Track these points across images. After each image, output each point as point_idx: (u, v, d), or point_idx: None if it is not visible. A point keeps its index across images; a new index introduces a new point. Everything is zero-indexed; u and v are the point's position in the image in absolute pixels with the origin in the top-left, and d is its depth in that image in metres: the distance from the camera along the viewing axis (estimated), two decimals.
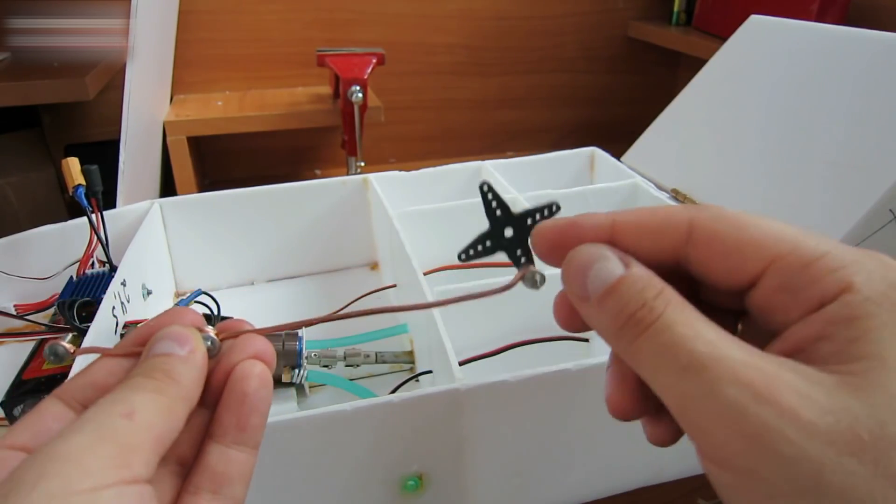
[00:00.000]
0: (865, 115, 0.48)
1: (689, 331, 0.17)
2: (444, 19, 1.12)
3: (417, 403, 0.32)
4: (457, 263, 0.56)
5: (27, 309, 0.51)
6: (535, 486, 0.37)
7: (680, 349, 0.17)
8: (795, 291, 0.17)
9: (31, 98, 0.77)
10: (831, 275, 0.17)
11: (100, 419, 0.19)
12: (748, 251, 0.18)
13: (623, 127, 1.24)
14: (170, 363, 0.21)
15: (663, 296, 0.18)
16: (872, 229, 0.44)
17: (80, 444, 0.17)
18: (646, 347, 0.18)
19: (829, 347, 0.16)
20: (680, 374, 0.17)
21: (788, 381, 0.16)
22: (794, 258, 0.18)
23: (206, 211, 0.58)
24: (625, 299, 0.18)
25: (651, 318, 0.18)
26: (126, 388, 0.20)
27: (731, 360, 0.16)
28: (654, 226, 0.20)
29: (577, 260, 0.20)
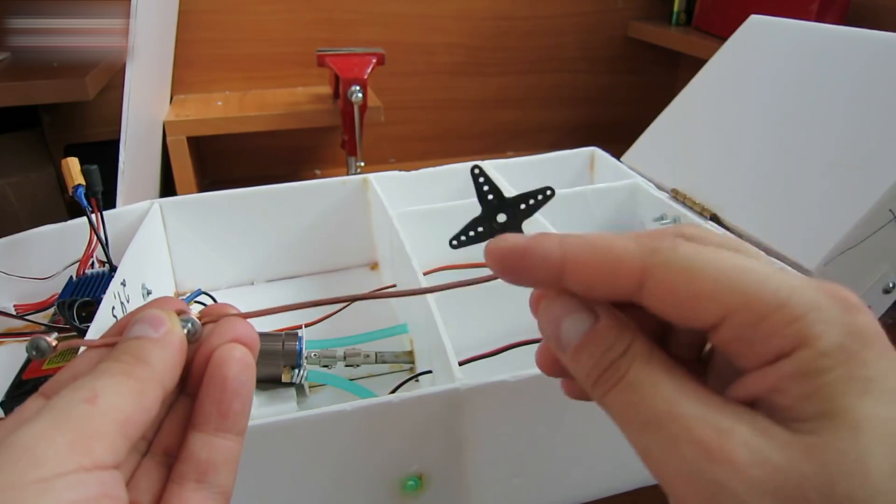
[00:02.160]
0: (865, 114, 0.48)
1: (650, 389, 0.18)
2: (444, 19, 1.12)
3: (417, 403, 0.32)
4: (457, 263, 0.56)
5: (27, 309, 0.51)
6: (535, 486, 0.37)
7: (641, 407, 0.18)
8: (750, 345, 0.17)
9: (31, 98, 0.77)
10: (786, 328, 0.17)
11: (60, 406, 0.18)
12: (701, 303, 0.18)
13: (623, 127, 1.24)
14: (141, 346, 0.21)
15: (629, 353, 0.19)
16: (872, 229, 0.44)
17: (35, 433, 0.17)
18: (614, 402, 0.19)
19: (784, 401, 0.17)
20: (641, 430, 0.18)
21: (741, 436, 0.16)
22: (747, 313, 0.17)
23: (206, 211, 0.58)
24: (595, 357, 0.19)
25: (617, 376, 0.19)
26: (92, 374, 0.20)
27: (687, 418, 0.17)
28: (606, 269, 0.19)
29: (549, 313, 0.21)
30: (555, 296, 0.21)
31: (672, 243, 0.19)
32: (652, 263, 0.18)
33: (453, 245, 0.23)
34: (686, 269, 0.18)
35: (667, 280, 0.18)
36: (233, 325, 0.22)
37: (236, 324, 0.23)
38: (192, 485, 0.21)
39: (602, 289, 0.19)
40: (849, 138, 0.48)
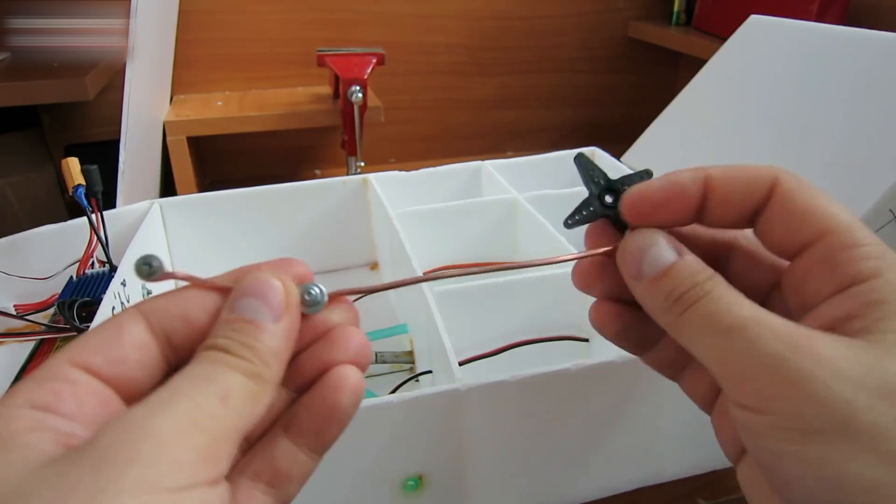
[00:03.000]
0: (865, 114, 0.48)
1: (734, 300, 0.19)
2: (443, 19, 1.12)
3: (417, 403, 0.32)
4: (456, 263, 0.56)
5: (27, 309, 0.51)
6: (535, 486, 0.37)
7: (725, 314, 0.19)
8: (834, 266, 0.19)
9: (31, 98, 0.77)
10: (867, 261, 0.19)
11: (196, 398, 0.16)
12: (811, 217, 0.20)
13: (623, 127, 1.24)
14: (255, 336, 0.18)
15: (713, 279, 0.20)
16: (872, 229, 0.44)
17: (175, 427, 0.15)
18: (693, 318, 0.19)
19: (859, 324, 0.18)
20: (724, 334, 0.18)
21: (823, 339, 0.17)
22: (843, 237, 0.19)
23: (206, 211, 0.58)
24: (678, 280, 0.20)
25: (700, 294, 0.20)
26: (216, 363, 0.18)
27: (771, 322, 0.18)
28: (744, 179, 0.21)
29: (635, 244, 0.22)
30: (643, 231, 0.22)
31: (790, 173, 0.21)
32: (783, 176, 0.21)
33: (568, 224, 0.25)
34: (807, 187, 0.21)
35: (793, 189, 0.20)
36: (353, 338, 0.21)
37: (354, 337, 0.21)
38: (262, 486, 0.20)
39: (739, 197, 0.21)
40: (849, 138, 0.48)
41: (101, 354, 0.18)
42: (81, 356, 0.18)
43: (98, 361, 0.18)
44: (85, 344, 0.18)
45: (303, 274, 0.21)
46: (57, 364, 0.17)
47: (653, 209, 0.22)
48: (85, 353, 0.18)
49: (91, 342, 0.18)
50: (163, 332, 0.19)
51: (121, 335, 0.18)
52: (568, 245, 0.48)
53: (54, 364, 0.17)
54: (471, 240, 0.55)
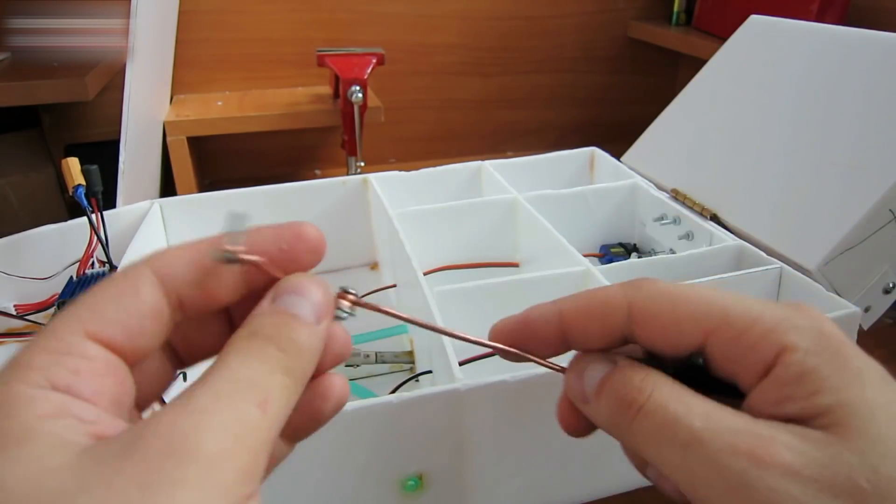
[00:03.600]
0: (865, 115, 0.48)
1: (682, 407, 0.18)
2: (444, 19, 1.12)
3: (417, 403, 0.32)
4: (457, 263, 0.56)
5: (27, 309, 0.51)
6: (535, 486, 0.37)
7: (677, 426, 0.18)
8: (737, 360, 0.19)
9: (31, 98, 0.76)
10: (764, 339, 0.18)
11: (238, 407, 0.15)
12: (683, 327, 0.20)
13: (623, 127, 1.24)
14: (299, 332, 0.18)
15: (649, 378, 0.19)
16: (872, 229, 0.44)
17: (220, 446, 0.15)
18: (644, 428, 0.19)
19: (794, 407, 0.17)
20: (682, 451, 0.17)
21: (783, 441, 0.17)
22: (726, 330, 0.19)
23: (206, 211, 0.58)
24: (616, 387, 0.20)
25: (642, 398, 0.19)
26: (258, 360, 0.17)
27: (727, 432, 0.17)
28: (596, 311, 0.21)
29: (573, 369, 0.22)
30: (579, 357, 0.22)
31: (650, 280, 0.21)
32: (635, 297, 0.21)
33: None
34: (667, 297, 0.20)
35: (651, 308, 0.20)
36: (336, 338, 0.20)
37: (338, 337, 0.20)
38: None
39: (596, 329, 0.21)
40: (849, 138, 0.48)
41: (120, 326, 0.17)
42: (98, 327, 0.16)
43: (116, 334, 0.17)
44: (100, 311, 0.17)
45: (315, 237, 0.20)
46: (70, 334, 0.16)
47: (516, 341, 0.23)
48: (101, 324, 0.17)
49: (106, 308, 0.17)
50: (177, 297, 0.18)
51: (138, 303, 0.17)
52: (568, 245, 0.48)
53: (66, 333, 0.16)
54: (471, 240, 0.55)
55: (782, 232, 0.48)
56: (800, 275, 0.44)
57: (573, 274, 0.45)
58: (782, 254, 0.47)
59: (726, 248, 0.48)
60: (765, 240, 0.49)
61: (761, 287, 0.45)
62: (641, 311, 0.20)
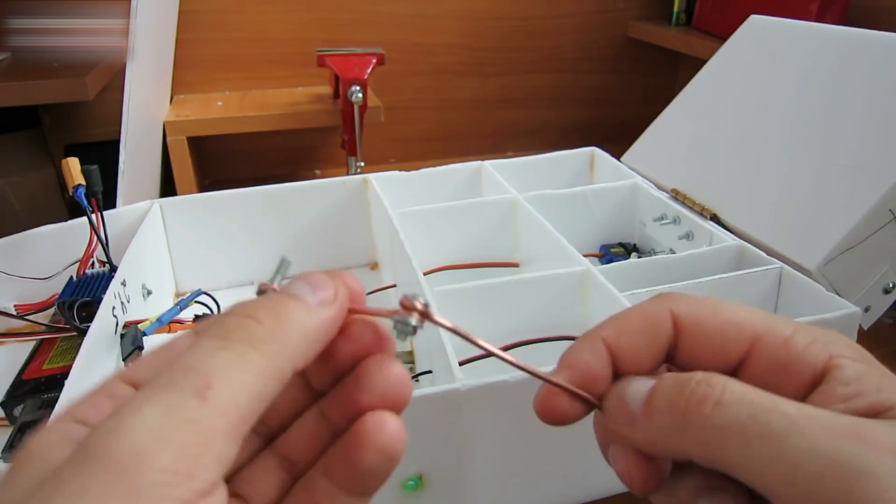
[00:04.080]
0: (865, 115, 0.48)
1: (766, 397, 0.17)
2: (444, 19, 1.12)
3: (417, 403, 0.32)
4: (457, 263, 0.56)
5: (27, 309, 0.51)
6: (535, 486, 0.37)
7: (771, 414, 0.16)
8: (786, 366, 0.18)
9: (31, 98, 0.76)
10: (811, 346, 0.18)
11: (166, 398, 0.14)
12: (729, 332, 0.19)
13: (623, 127, 1.24)
14: (285, 306, 0.17)
15: (712, 374, 0.18)
16: (872, 229, 0.44)
17: (134, 447, 0.13)
18: (726, 422, 0.16)
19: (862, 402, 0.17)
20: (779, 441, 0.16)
21: (880, 428, 0.16)
22: (773, 337, 0.18)
23: (206, 211, 0.58)
24: (674, 389, 0.18)
25: (716, 391, 0.17)
26: (206, 341, 0.15)
27: (823, 417, 0.16)
28: (644, 327, 0.20)
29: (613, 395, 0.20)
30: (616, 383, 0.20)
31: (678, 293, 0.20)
32: (677, 306, 0.20)
33: None
34: (705, 304, 0.20)
35: (696, 315, 0.19)
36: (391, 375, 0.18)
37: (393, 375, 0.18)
38: None
39: (648, 344, 0.20)
40: (849, 138, 0.48)
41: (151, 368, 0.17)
42: (132, 372, 0.17)
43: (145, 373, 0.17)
44: (143, 361, 0.17)
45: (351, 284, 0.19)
46: (111, 381, 0.17)
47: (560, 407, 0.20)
48: (138, 370, 0.17)
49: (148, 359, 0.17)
50: None
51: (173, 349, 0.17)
52: (568, 245, 0.48)
53: (109, 381, 0.17)
54: (471, 240, 0.55)
55: (782, 232, 0.48)
56: (800, 275, 0.44)
57: (573, 274, 0.45)
58: (782, 254, 0.47)
59: (726, 248, 0.48)
60: (765, 240, 0.49)
61: (761, 287, 0.45)
62: (688, 318, 0.19)
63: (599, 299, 0.44)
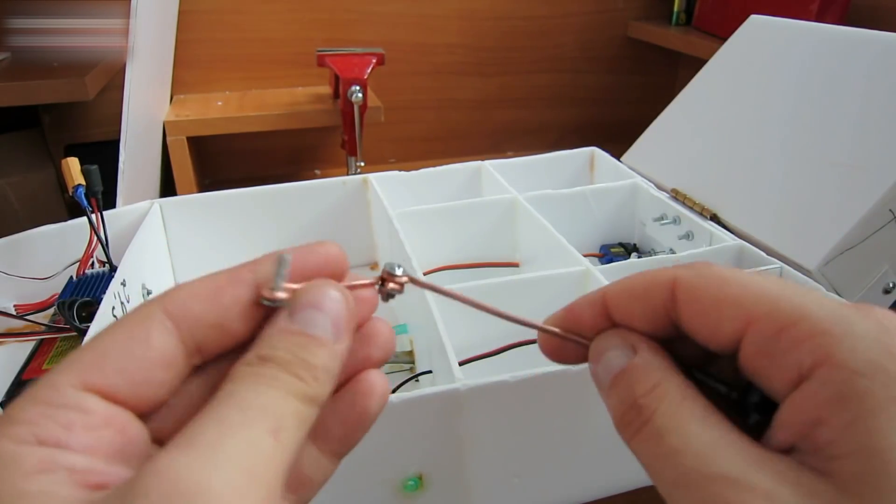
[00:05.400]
0: (865, 114, 0.48)
1: (679, 440, 0.16)
2: (444, 19, 1.12)
3: (417, 403, 0.32)
4: (457, 263, 0.56)
5: (27, 309, 0.51)
6: (535, 486, 0.37)
7: (669, 462, 0.16)
8: (771, 358, 0.17)
9: (31, 98, 0.76)
10: (806, 341, 0.16)
11: (249, 437, 0.14)
12: (725, 310, 0.18)
13: (623, 127, 1.24)
14: (316, 354, 0.17)
15: (658, 389, 0.18)
16: (872, 229, 0.44)
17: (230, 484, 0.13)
18: (641, 450, 0.18)
19: (827, 435, 0.15)
20: (672, 486, 0.16)
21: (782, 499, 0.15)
22: (769, 322, 0.17)
23: (206, 211, 0.58)
24: (624, 390, 0.18)
25: (645, 414, 0.18)
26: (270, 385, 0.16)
27: (720, 480, 0.15)
28: (641, 289, 0.20)
29: (596, 347, 0.20)
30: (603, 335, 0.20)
31: (706, 263, 0.19)
32: (683, 274, 0.19)
33: None
34: (717, 278, 0.18)
35: (696, 286, 0.18)
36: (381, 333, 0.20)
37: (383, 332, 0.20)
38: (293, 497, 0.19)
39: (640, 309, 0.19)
40: (849, 138, 0.48)
41: (123, 377, 0.16)
42: (98, 379, 0.15)
43: (119, 386, 0.16)
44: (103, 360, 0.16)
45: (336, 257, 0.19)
46: (67, 386, 0.15)
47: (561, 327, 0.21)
48: (102, 376, 0.15)
49: (110, 359, 0.16)
50: (195, 343, 0.17)
51: (148, 351, 0.16)
52: (568, 245, 0.48)
53: (63, 384, 0.15)
54: (471, 240, 0.55)
55: (782, 232, 0.48)
56: (800, 275, 0.44)
57: (573, 274, 0.45)
58: (782, 254, 0.47)
59: (726, 248, 0.48)
60: (765, 240, 0.49)
61: None
62: (685, 288, 0.18)
63: None
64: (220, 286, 0.18)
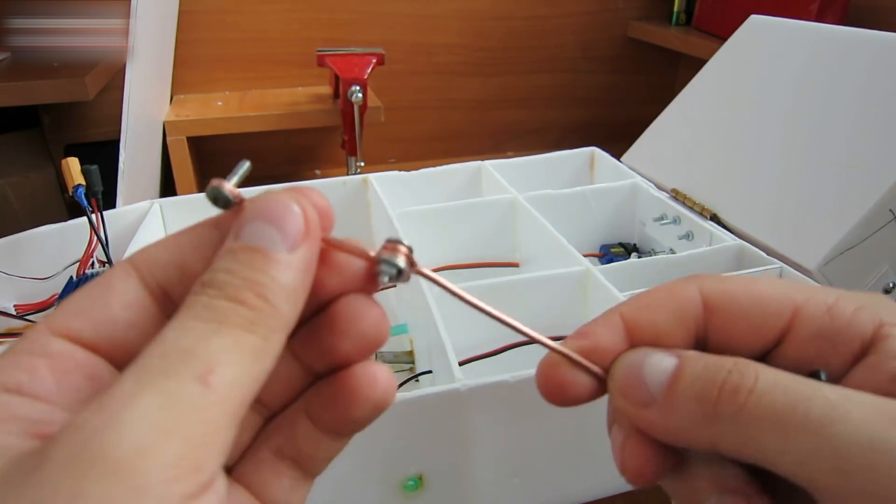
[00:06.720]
0: (865, 115, 0.48)
1: (803, 384, 0.15)
2: (444, 19, 1.12)
3: (417, 403, 0.32)
4: (457, 263, 0.56)
5: (27, 309, 0.51)
6: (535, 486, 0.37)
7: (811, 402, 0.15)
8: (832, 336, 0.17)
9: (31, 98, 0.77)
10: (858, 313, 0.16)
11: (164, 387, 0.13)
12: (768, 306, 0.17)
13: (623, 127, 1.24)
14: (266, 271, 0.15)
15: (742, 360, 0.16)
16: (872, 229, 0.44)
17: (136, 443, 0.12)
18: (761, 413, 0.15)
19: None
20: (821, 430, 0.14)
21: None
22: (815, 305, 0.17)
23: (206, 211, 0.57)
24: (703, 375, 0.16)
25: (748, 381, 0.15)
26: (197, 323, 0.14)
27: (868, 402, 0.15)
28: (669, 304, 0.18)
29: (623, 369, 0.18)
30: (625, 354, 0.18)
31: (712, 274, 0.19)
32: (706, 283, 0.18)
33: None
34: (737, 281, 0.18)
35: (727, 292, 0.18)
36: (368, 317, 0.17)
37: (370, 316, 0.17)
38: (288, 462, 0.18)
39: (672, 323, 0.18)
40: (849, 138, 0.48)
41: (85, 317, 0.15)
42: (63, 322, 0.15)
43: (80, 325, 0.15)
44: (68, 307, 0.15)
45: (319, 203, 0.17)
46: (36, 334, 0.15)
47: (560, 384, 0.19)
48: (67, 319, 0.15)
49: (75, 305, 0.15)
50: (157, 284, 0.16)
51: (108, 293, 0.16)
52: (568, 245, 0.48)
53: (33, 334, 0.15)
54: (471, 240, 0.55)
55: (782, 232, 0.48)
56: (800, 275, 0.44)
57: (573, 274, 0.45)
58: (782, 254, 0.47)
59: (726, 248, 0.48)
60: (765, 240, 0.49)
61: None
62: (718, 296, 0.18)
63: (599, 299, 0.44)
64: (181, 235, 0.17)
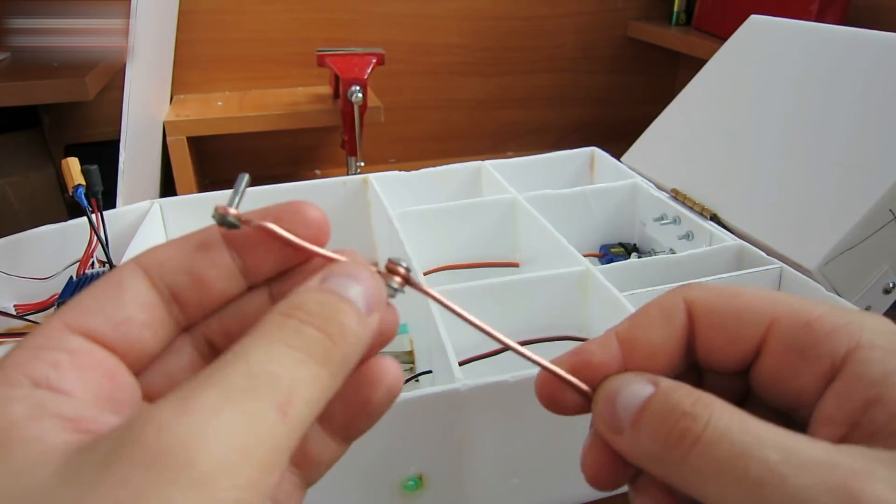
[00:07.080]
0: (865, 114, 0.48)
1: (749, 436, 0.15)
2: (444, 19, 1.12)
3: (417, 403, 0.32)
4: (457, 263, 0.56)
5: (27, 309, 0.51)
6: (535, 486, 0.37)
7: (749, 461, 0.14)
8: (803, 351, 0.17)
9: (31, 98, 0.76)
10: (836, 331, 0.16)
11: (248, 409, 0.13)
12: (746, 316, 0.18)
13: (623, 127, 1.24)
14: (349, 314, 0.16)
15: (703, 400, 0.16)
16: (872, 229, 0.44)
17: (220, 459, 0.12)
18: (702, 464, 0.15)
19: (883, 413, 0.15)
20: (756, 489, 0.14)
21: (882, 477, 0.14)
22: (794, 318, 0.17)
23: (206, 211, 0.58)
24: (661, 413, 0.16)
25: (697, 427, 0.15)
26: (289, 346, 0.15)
27: (811, 465, 0.14)
28: (654, 316, 0.19)
29: (604, 392, 0.18)
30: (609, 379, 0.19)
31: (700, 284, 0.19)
32: (691, 294, 0.19)
33: None
34: (725, 290, 0.18)
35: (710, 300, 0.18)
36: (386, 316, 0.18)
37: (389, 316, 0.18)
38: (291, 467, 0.18)
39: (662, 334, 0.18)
40: (849, 138, 0.48)
41: (102, 316, 0.16)
42: (79, 319, 0.15)
43: (98, 325, 0.16)
44: (82, 305, 0.16)
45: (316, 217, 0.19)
46: (52, 329, 0.15)
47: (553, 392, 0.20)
48: (83, 316, 0.16)
49: (89, 303, 0.16)
50: (166, 287, 0.17)
51: (122, 293, 0.16)
52: (568, 245, 0.48)
53: (49, 329, 0.15)
54: (471, 240, 0.55)
55: (782, 232, 0.48)
56: (800, 275, 0.44)
57: (573, 274, 0.45)
58: (782, 254, 0.47)
59: (726, 248, 0.48)
60: (765, 240, 0.49)
61: (761, 287, 0.45)
62: (700, 305, 0.18)
63: (599, 299, 0.44)
64: (188, 239, 0.18)
